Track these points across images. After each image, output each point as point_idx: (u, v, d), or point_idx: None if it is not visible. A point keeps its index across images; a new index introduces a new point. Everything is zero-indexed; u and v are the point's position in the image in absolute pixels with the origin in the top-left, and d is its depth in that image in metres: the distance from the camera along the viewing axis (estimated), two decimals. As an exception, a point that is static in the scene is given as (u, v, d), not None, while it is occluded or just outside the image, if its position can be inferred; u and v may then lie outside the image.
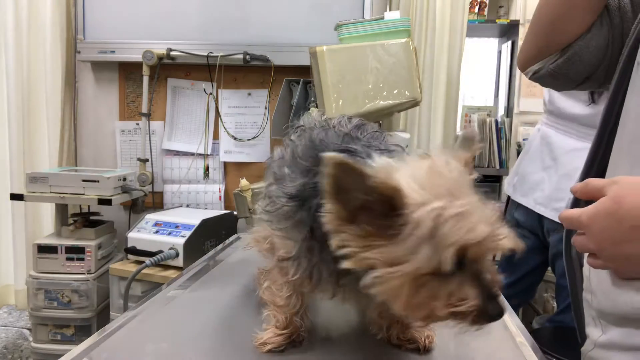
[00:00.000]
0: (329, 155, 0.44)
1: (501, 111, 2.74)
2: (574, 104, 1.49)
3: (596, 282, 0.63)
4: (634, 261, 0.51)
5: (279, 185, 0.59)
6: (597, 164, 0.70)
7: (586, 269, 0.64)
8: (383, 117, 1.71)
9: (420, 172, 0.47)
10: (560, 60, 0.75)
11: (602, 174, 0.66)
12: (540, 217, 1.50)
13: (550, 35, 0.75)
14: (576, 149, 1.48)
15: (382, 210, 0.45)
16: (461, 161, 0.50)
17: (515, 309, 0.81)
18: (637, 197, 0.50)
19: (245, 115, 2.39)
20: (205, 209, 2.36)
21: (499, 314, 0.47)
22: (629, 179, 0.54)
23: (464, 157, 0.51)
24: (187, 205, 2.40)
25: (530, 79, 0.82)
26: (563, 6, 0.72)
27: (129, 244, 1.92)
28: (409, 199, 0.45)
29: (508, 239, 0.47)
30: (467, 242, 0.44)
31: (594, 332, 0.66)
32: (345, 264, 0.47)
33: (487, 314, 0.47)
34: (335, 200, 0.46)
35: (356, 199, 0.45)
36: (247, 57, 2.24)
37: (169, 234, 1.89)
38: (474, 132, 0.55)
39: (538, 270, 1.67)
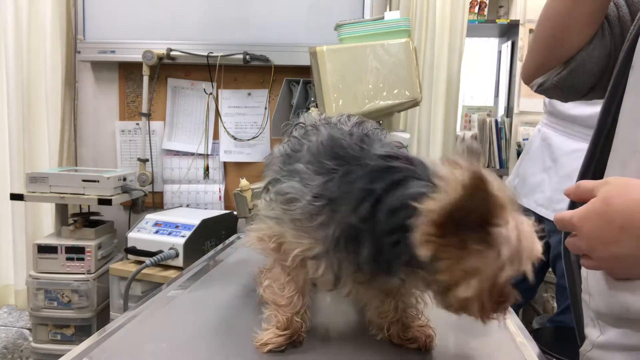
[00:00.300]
0: (475, 169, 0.44)
1: (501, 111, 2.75)
2: (573, 105, 1.49)
3: (593, 283, 0.64)
4: (623, 261, 0.52)
5: (300, 183, 0.57)
6: (593, 166, 0.70)
7: (584, 270, 0.65)
8: (383, 117, 1.71)
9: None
10: (564, 72, 0.76)
11: (599, 177, 0.66)
12: (540, 219, 1.50)
13: (553, 48, 0.76)
14: (576, 150, 1.48)
15: (473, 224, 0.46)
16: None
17: (516, 309, 0.81)
18: (626, 198, 0.51)
19: (245, 115, 2.39)
20: (205, 209, 2.36)
21: (516, 301, 0.54)
22: (618, 179, 0.55)
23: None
24: (187, 205, 2.40)
25: (535, 91, 0.82)
26: (564, 20, 0.73)
27: (129, 244, 1.92)
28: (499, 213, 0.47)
29: (540, 248, 0.51)
30: (537, 255, 0.49)
31: (593, 333, 0.67)
32: (440, 276, 0.49)
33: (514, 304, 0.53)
34: (445, 214, 0.46)
35: (460, 213, 0.46)
36: (247, 57, 2.24)
37: (169, 234, 1.89)
38: (477, 144, 0.56)
39: (538, 271, 1.67)
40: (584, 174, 0.70)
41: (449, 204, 0.45)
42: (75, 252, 1.98)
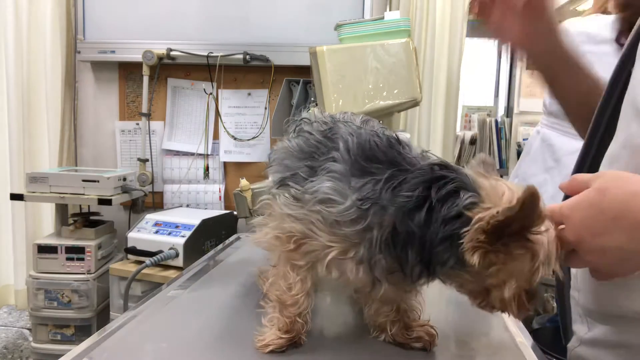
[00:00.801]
0: (530, 186, 0.48)
1: (501, 111, 2.75)
2: None
3: (582, 280, 0.65)
4: (610, 255, 0.50)
5: (338, 184, 0.56)
6: (588, 165, 0.70)
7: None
8: (383, 117, 1.71)
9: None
10: None
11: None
12: None
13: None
14: (579, 150, 1.48)
15: (516, 232, 0.50)
16: None
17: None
18: (622, 189, 0.49)
19: (245, 115, 2.39)
20: (205, 209, 2.36)
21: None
22: (615, 172, 0.54)
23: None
24: (187, 205, 2.40)
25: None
26: None
27: (129, 244, 1.92)
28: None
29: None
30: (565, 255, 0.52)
31: (581, 329, 0.69)
32: (489, 280, 0.53)
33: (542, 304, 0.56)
34: (497, 223, 0.49)
35: (509, 223, 0.49)
36: (247, 57, 2.24)
37: (169, 234, 1.89)
38: (490, 157, 0.61)
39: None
40: (578, 171, 0.70)
41: (502, 214, 0.48)
42: (75, 252, 1.98)
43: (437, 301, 0.85)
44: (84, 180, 2.00)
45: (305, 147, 0.62)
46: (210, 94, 2.36)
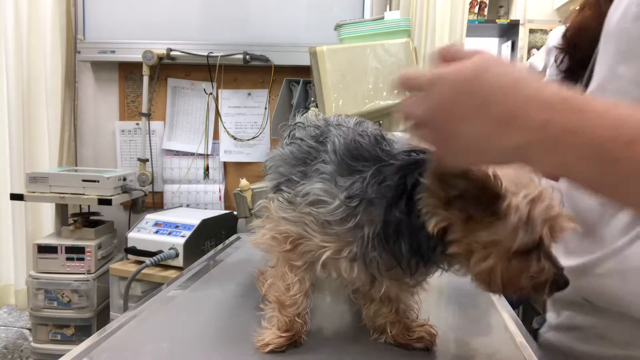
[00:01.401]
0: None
1: (501, 111, 2.74)
2: None
3: None
4: (463, 141, 0.43)
5: (326, 184, 0.58)
6: None
7: None
8: (383, 117, 1.71)
9: (504, 170, 0.52)
10: None
11: None
12: None
13: None
14: None
15: (478, 198, 0.49)
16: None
17: (513, 305, 0.82)
18: (502, 69, 0.41)
19: (245, 115, 2.39)
20: (205, 209, 2.36)
21: (566, 283, 0.53)
22: (492, 54, 0.44)
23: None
24: (187, 205, 2.40)
25: None
26: None
27: (129, 244, 1.92)
28: (506, 188, 0.50)
29: (571, 220, 0.52)
30: (555, 221, 0.50)
31: (551, 316, 0.74)
32: (451, 249, 0.52)
33: (559, 283, 0.52)
34: (440, 188, 0.50)
35: (456, 187, 0.50)
36: (247, 57, 2.24)
37: (169, 234, 1.89)
38: None
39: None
40: None
41: (432, 174, 0.49)
42: (75, 252, 1.98)
43: (437, 301, 0.85)
44: (84, 180, 2.00)
45: (298, 154, 0.63)
46: (210, 94, 2.36)
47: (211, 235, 2.00)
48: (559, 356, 0.71)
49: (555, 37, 1.47)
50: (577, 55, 0.85)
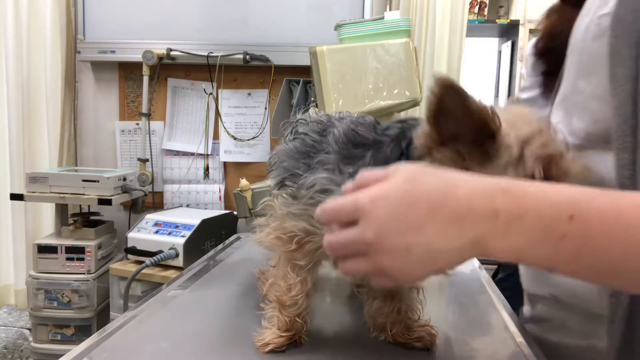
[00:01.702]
0: (439, 75, 0.47)
1: (501, 111, 2.74)
2: None
3: (523, 266, 0.74)
4: (415, 254, 0.42)
5: (331, 173, 0.57)
6: None
7: None
8: (383, 117, 1.71)
9: (503, 111, 0.52)
10: None
11: None
12: None
13: None
14: None
15: (473, 136, 0.49)
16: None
17: (510, 301, 0.83)
18: (436, 178, 0.43)
19: (245, 115, 2.39)
20: (205, 209, 2.36)
21: None
22: (413, 165, 0.46)
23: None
24: (187, 205, 2.40)
25: None
26: None
27: (129, 244, 1.92)
28: (503, 128, 0.49)
29: (579, 163, 0.51)
30: (551, 157, 0.49)
31: (527, 309, 0.79)
32: None
33: None
34: (434, 121, 0.49)
35: (452, 123, 0.49)
36: (247, 57, 2.24)
37: (169, 234, 1.89)
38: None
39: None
40: None
41: (429, 110, 0.49)
42: (75, 252, 1.98)
43: (437, 301, 0.85)
44: (84, 180, 2.00)
45: (302, 148, 0.63)
46: (210, 94, 2.36)
47: (211, 235, 2.00)
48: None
49: (529, 45, 1.48)
50: (552, 59, 0.86)
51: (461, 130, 0.49)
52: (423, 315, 0.66)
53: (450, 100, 0.47)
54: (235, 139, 2.38)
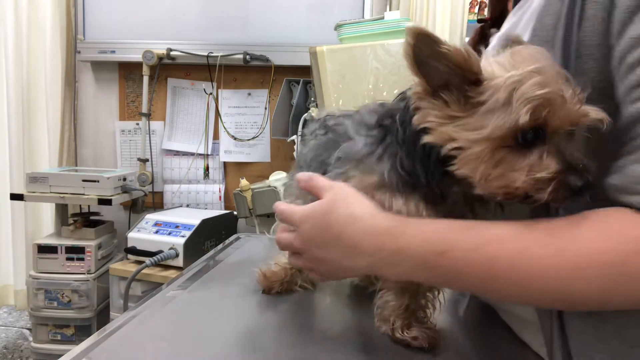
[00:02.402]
0: (410, 25, 0.46)
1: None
2: None
3: None
4: (328, 264, 0.56)
5: (355, 136, 0.59)
6: None
7: None
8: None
9: (499, 56, 0.49)
10: None
11: None
12: None
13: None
14: None
15: (459, 83, 0.47)
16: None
17: None
18: (345, 210, 0.54)
19: (245, 115, 2.39)
20: (205, 209, 2.36)
21: (583, 187, 0.45)
22: (344, 187, 0.56)
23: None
24: (187, 205, 2.40)
25: None
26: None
27: (129, 244, 1.92)
28: (485, 69, 0.47)
29: (593, 111, 0.45)
30: (548, 101, 0.44)
31: None
32: (426, 138, 0.49)
33: (569, 184, 0.45)
34: (417, 72, 0.48)
35: (436, 72, 0.47)
36: (247, 57, 2.24)
37: (169, 234, 1.89)
38: (517, 35, 0.55)
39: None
40: None
41: (408, 61, 0.47)
42: (75, 252, 1.98)
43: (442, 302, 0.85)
44: (84, 180, 2.00)
45: (336, 138, 0.64)
46: (210, 94, 2.36)
47: (211, 235, 2.00)
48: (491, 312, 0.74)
49: None
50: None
51: (445, 77, 0.47)
52: (433, 317, 0.65)
53: (424, 48, 0.46)
54: (235, 139, 2.38)
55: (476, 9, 2.63)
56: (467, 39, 2.34)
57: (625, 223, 0.44)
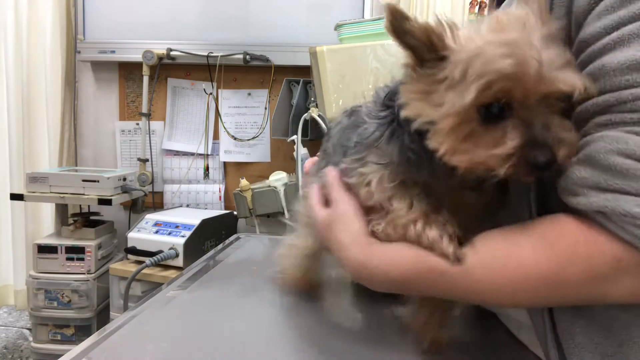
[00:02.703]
0: (386, 3, 0.47)
1: (501, 111, 2.74)
2: None
3: None
4: (336, 255, 0.59)
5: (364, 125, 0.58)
6: None
7: None
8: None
9: (482, 23, 0.47)
10: None
11: None
12: None
13: None
14: None
15: (429, 57, 0.47)
16: (533, 10, 0.47)
17: None
18: (337, 232, 0.59)
19: (245, 115, 2.39)
20: (205, 209, 2.36)
21: (545, 163, 0.43)
22: (342, 206, 0.60)
23: (535, 5, 0.48)
24: (187, 205, 2.40)
25: None
26: None
27: (129, 244, 1.92)
28: (452, 41, 0.46)
29: (565, 80, 0.43)
30: (502, 74, 0.42)
31: None
32: (402, 113, 0.50)
33: (529, 159, 0.43)
34: (403, 45, 0.48)
35: (414, 47, 0.48)
36: (247, 57, 2.24)
37: (169, 234, 1.89)
38: None
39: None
40: None
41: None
42: (75, 252, 1.98)
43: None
44: (84, 180, 2.00)
45: (357, 120, 0.64)
46: (210, 94, 2.36)
47: (211, 235, 2.00)
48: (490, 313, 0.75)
49: None
50: None
51: (420, 52, 0.48)
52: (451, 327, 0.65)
53: (398, 25, 0.47)
54: (235, 139, 2.38)
55: (476, 9, 2.63)
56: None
57: (566, 231, 0.46)
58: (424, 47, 0.47)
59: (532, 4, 0.48)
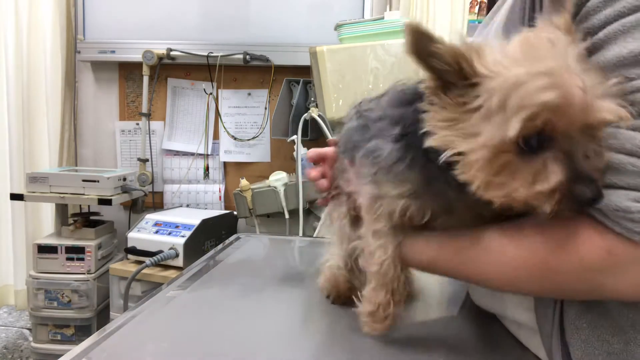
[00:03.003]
0: (407, 21, 0.43)
1: (501, 111, 2.74)
2: None
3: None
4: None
5: (379, 139, 0.56)
6: None
7: None
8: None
9: (509, 46, 0.44)
10: None
11: None
12: None
13: None
14: None
15: (458, 82, 0.44)
16: (560, 29, 0.45)
17: None
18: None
19: (245, 115, 2.39)
20: (205, 209, 2.36)
21: (591, 199, 0.41)
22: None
23: (561, 23, 0.45)
24: (187, 205, 2.40)
25: None
26: None
27: (129, 244, 1.92)
28: (483, 67, 0.42)
29: (609, 110, 0.40)
30: (547, 106, 0.39)
31: None
32: (427, 142, 0.46)
33: (575, 195, 0.41)
34: (425, 67, 0.45)
35: (437, 70, 0.44)
36: (247, 57, 2.24)
37: (169, 234, 1.89)
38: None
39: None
40: None
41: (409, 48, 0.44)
42: (75, 252, 1.98)
43: (438, 301, 0.85)
44: (84, 180, 2.00)
45: (367, 122, 0.63)
46: (210, 94, 2.36)
47: (211, 235, 2.00)
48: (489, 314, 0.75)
49: None
50: None
51: (445, 76, 0.44)
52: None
53: (421, 46, 0.43)
54: (235, 139, 2.38)
55: (476, 9, 2.63)
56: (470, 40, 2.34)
57: (561, 223, 0.47)
58: (451, 72, 0.44)
59: (557, 20, 0.45)
